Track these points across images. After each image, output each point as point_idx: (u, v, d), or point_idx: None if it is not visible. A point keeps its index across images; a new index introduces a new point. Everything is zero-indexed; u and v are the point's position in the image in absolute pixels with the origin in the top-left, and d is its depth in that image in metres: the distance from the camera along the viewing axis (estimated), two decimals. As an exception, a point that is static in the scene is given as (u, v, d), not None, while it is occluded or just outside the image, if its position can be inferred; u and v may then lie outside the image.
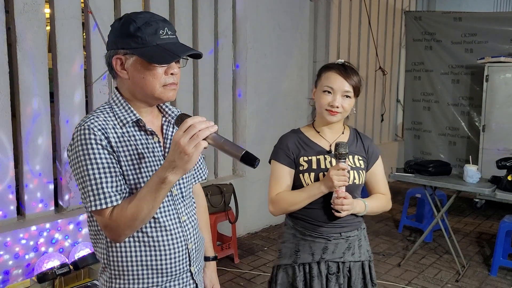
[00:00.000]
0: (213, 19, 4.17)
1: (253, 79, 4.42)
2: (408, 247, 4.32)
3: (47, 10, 3.08)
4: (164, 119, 1.42)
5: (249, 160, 1.13)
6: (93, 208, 1.22)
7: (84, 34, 3.34)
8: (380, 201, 1.97)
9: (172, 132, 1.40)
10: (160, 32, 1.25)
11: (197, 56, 1.30)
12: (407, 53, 6.95)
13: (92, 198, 1.22)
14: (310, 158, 1.84)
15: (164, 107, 1.43)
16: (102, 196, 1.21)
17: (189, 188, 1.46)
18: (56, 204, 3.25)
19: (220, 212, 3.76)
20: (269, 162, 1.93)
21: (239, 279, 3.59)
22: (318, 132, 1.90)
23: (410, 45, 6.88)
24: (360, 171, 1.88)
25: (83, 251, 3.01)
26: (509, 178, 3.51)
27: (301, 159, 1.84)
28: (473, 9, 6.80)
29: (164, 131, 1.40)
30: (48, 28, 3.11)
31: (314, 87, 1.91)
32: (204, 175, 1.61)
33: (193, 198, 1.50)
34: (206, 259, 1.62)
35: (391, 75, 6.92)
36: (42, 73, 3.01)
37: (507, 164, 3.59)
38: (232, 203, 3.90)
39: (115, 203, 1.23)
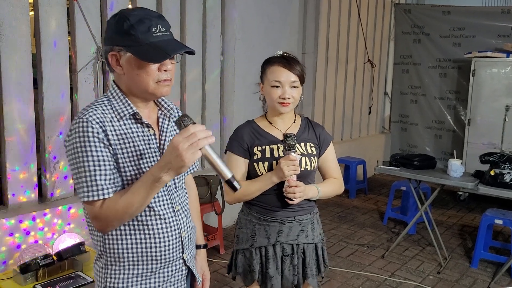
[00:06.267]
0: (201, 9, 4.12)
1: (241, 70, 4.39)
2: (392, 239, 4.38)
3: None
4: (160, 112, 1.47)
5: (233, 185, 1.27)
6: (86, 199, 1.27)
7: (69, 21, 3.28)
8: (332, 185, 2.05)
9: (168, 124, 1.46)
10: (153, 30, 1.28)
11: (189, 52, 1.35)
12: (396, 46, 6.96)
13: (85, 189, 1.27)
14: (264, 147, 1.94)
15: (160, 100, 1.48)
16: (95, 188, 1.26)
17: (182, 179, 1.52)
18: (40, 194, 3.22)
19: (206, 203, 3.76)
20: (225, 152, 2.02)
21: (224, 270, 3.60)
22: (271, 123, 2.00)
23: (399, 38, 6.89)
24: (312, 158, 1.98)
25: (67, 242, 3.00)
26: (491, 172, 3.56)
27: (255, 149, 1.94)
28: (462, 3, 6.83)
29: (160, 123, 1.45)
30: (31, 13, 3.04)
31: (260, 82, 2.01)
32: (195, 166, 1.66)
33: (185, 188, 1.56)
34: (197, 247, 1.69)
35: (379, 67, 6.93)
36: (25, 60, 2.95)
37: (490, 159, 3.64)
38: (219, 195, 3.90)
39: (106, 196, 1.27)
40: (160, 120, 1.46)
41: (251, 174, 1.95)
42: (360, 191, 5.96)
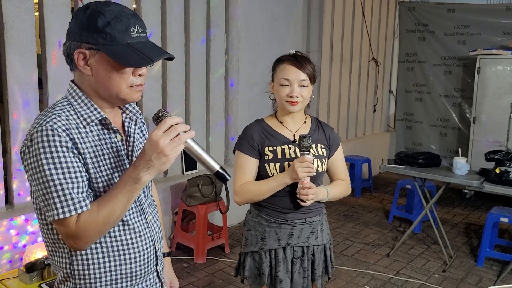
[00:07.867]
0: (205, 8, 4.12)
1: (245, 69, 4.39)
2: (398, 237, 4.37)
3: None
4: (124, 115, 1.36)
5: (223, 176, 1.22)
6: (61, 216, 1.12)
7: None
8: (341, 187, 2.03)
9: (135, 129, 1.36)
10: (131, 30, 1.17)
11: (169, 58, 1.25)
12: (400, 44, 6.95)
13: (58, 205, 1.12)
14: (275, 148, 1.91)
15: None
16: (70, 202, 1.13)
17: (150, 187, 1.43)
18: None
19: (211, 202, 3.76)
20: (233, 152, 2.00)
21: (229, 268, 3.61)
22: (281, 123, 1.97)
23: (403, 36, 6.87)
24: (323, 159, 1.96)
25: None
26: (497, 170, 3.54)
27: (266, 149, 1.90)
28: (467, 1, 6.80)
29: (126, 128, 1.34)
30: (36, 14, 3.06)
31: (271, 81, 1.98)
32: None
33: (152, 195, 1.46)
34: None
35: (384, 65, 6.91)
36: (30, 61, 2.97)
37: (495, 156, 3.62)
38: (224, 193, 3.90)
39: (85, 208, 1.15)
40: (126, 124, 1.34)
41: (262, 175, 1.91)
42: (365, 189, 5.95)
